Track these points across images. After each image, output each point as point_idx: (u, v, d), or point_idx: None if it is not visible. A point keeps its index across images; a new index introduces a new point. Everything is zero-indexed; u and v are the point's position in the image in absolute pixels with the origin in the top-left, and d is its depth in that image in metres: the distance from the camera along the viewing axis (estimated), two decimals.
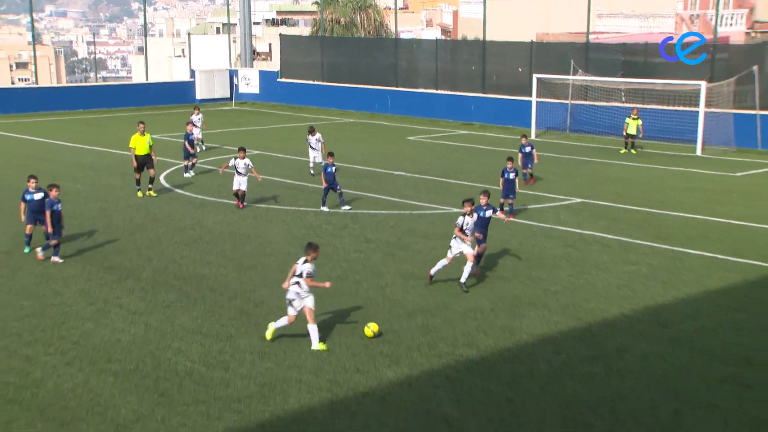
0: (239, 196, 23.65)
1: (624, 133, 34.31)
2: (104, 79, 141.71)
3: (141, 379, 12.65)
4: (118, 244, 19.91)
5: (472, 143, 37.50)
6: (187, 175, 28.42)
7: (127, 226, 21.69)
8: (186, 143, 28.36)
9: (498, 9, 63.95)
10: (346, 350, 13.80)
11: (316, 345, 13.80)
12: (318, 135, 28.55)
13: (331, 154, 23.76)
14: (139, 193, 25.25)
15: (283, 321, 14.10)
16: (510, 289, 16.97)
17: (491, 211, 17.78)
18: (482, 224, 17.64)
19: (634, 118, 33.86)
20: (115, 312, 15.49)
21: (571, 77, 39.18)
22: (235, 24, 59.02)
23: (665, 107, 36.35)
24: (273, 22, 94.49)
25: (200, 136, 32.87)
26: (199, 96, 52.73)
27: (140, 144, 25.11)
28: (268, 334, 14.15)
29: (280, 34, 59.24)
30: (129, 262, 18.67)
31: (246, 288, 16.97)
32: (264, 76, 54.57)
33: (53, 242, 18.33)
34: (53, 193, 18.27)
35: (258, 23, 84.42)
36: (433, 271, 17.15)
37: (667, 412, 11.73)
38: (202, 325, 14.85)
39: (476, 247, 17.41)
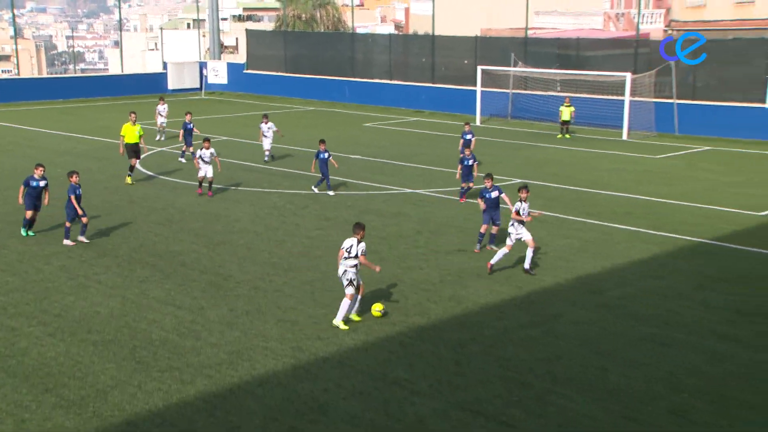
0: (204, 183, 23.18)
1: (560, 120, 34.57)
2: (82, 70, 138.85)
3: (119, 348, 12.48)
4: (97, 223, 19.57)
5: (423, 129, 37.47)
6: (181, 160, 27.98)
7: (105, 207, 21.33)
8: (183, 132, 27.79)
9: (445, 6, 63.77)
10: (309, 319, 13.74)
11: (338, 320, 13.39)
12: (271, 123, 28.16)
13: (322, 141, 23.62)
14: (129, 179, 24.42)
15: (347, 303, 13.35)
16: (457, 263, 17.02)
17: (497, 191, 17.41)
18: (492, 205, 17.42)
19: (567, 106, 34.20)
20: (94, 287, 15.25)
21: (512, 69, 39.26)
22: (204, 20, 58.15)
23: (595, 96, 36.59)
24: (240, 18, 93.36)
25: (164, 124, 32.52)
26: (170, 86, 51.96)
27: (130, 133, 24.60)
28: (354, 317, 13.61)
29: (246, 29, 58.52)
30: (107, 240, 18.38)
31: (215, 263, 16.80)
32: (231, 67, 53.92)
33: (84, 220, 18.00)
34: (74, 179, 17.90)
35: (225, 19, 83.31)
36: (493, 261, 16.19)
37: (596, 369, 11.88)
38: (175, 298, 14.68)
39: (492, 228, 17.42)
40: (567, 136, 34.25)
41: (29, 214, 18.45)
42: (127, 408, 10.64)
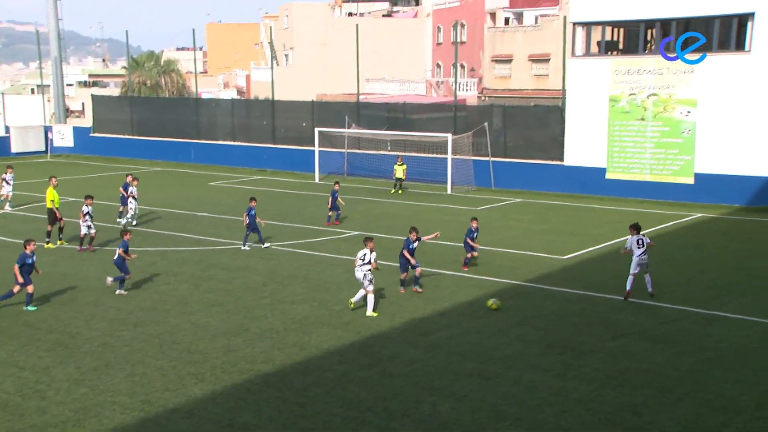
0: (86, 240, 22.51)
1: (393, 177, 35.42)
2: None
3: None
4: None
5: (266, 187, 37.28)
6: (120, 220, 26.43)
7: None
8: (123, 191, 26.38)
9: (284, 73, 64.51)
10: (157, 372, 13.21)
11: (370, 311, 16.43)
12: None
13: (253, 199, 23.39)
14: (51, 245, 22.95)
15: (372, 297, 16.47)
16: (300, 311, 16.94)
17: (417, 243, 18.43)
18: (411, 253, 18.31)
19: (399, 165, 35.17)
20: None
21: (346, 130, 39.99)
22: (49, 85, 55.53)
23: (422, 154, 37.82)
24: (85, 84, 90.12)
25: (9, 195, 29.87)
26: (14, 149, 49.07)
27: (56, 198, 23.41)
28: (353, 301, 16.74)
29: (92, 95, 56.49)
30: None
31: (62, 321, 15.86)
32: (78, 131, 51.65)
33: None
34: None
35: (71, 85, 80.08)
36: (629, 287, 17.64)
37: (428, 404, 12.10)
38: (18, 359, 13.69)
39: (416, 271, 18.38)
40: (400, 192, 35.12)
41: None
42: None
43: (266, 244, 23.16)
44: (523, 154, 36.30)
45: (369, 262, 16.52)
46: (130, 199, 26.37)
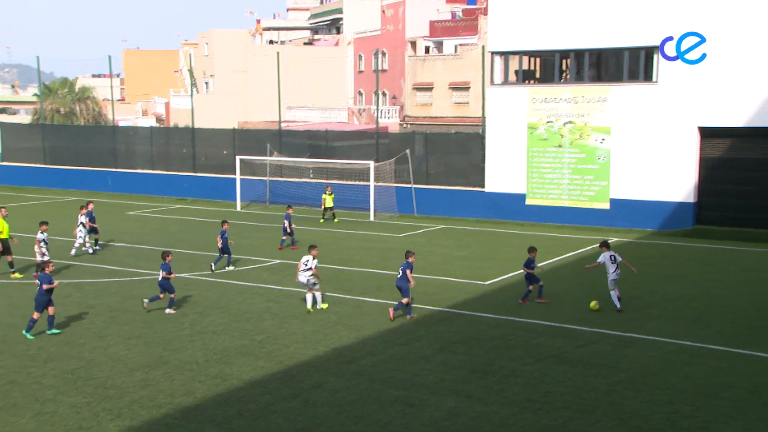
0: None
1: (322, 207, 35.15)
2: None
3: None
4: None
5: (186, 216, 36.74)
6: (88, 250, 26.36)
7: None
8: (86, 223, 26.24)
9: (204, 101, 64.00)
10: (70, 409, 12.80)
11: (320, 304, 19.18)
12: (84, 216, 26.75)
13: (225, 222, 24.58)
14: (18, 274, 22.88)
15: (311, 297, 18.96)
16: (221, 342, 16.71)
17: (409, 270, 18.69)
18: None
19: (329, 194, 34.97)
20: None
21: (268, 158, 39.86)
22: None
23: (345, 182, 38.02)
24: None
25: None
26: None
27: (5, 228, 22.92)
28: (310, 308, 18.87)
29: (0, 123, 54.68)
30: None
31: None
32: None
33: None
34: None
35: None
36: (619, 304, 19.04)
37: None
38: None
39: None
40: (336, 220, 34.84)
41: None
42: None
43: (231, 267, 24.06)
44: (445, 181, 36.89)
45: (310, 268, 18.74)
46: (80, 227, 26.23)
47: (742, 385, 14.14)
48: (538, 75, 37.76)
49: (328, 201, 35.08)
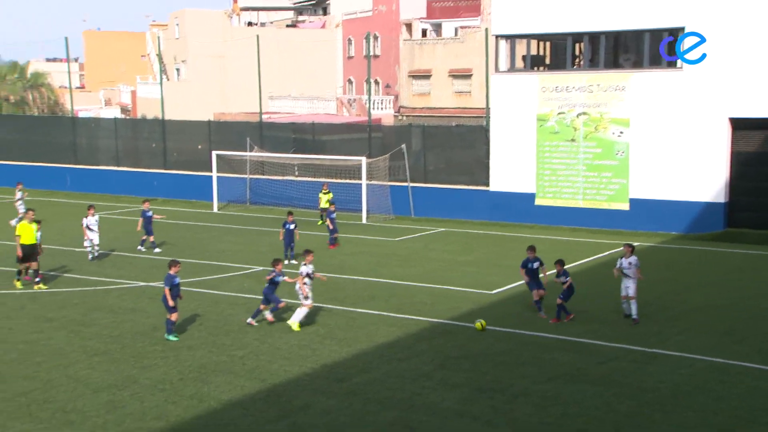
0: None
1: (319, 207, 34.82)
2: None
3: None
4: None
5: (156, 217, 36.54)
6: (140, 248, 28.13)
7: None
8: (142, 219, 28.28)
9: (175, 89, 63.92)
10: None
11: (295, 323, 18.51)
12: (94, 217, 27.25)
13: (290, 213, 26.48)
14: (18, 283, 22.67)
15: (303, 311, 18.60)
16: (198, 358, 16.67)
17: (538, 263, 19.57)
18: (533, 275, 19.64)
19: (325, 193, 34.56)
20: None
21: (248, 154, 39.83)
22: None
23: (334, 180, 37.95)
24: None
25: None
26: None
27: (27, 232, 22.60)
28: (295, 327, 18.39)
29: None
30: None
31: None
32: None
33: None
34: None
35: None
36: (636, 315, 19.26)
37: None
38: None
39: (540, 292, 19.64)
40: (320, 222, 34.72)
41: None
42: None
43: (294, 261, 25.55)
44: (445, 179, 36.91)
45: (311, 276, 18.99)
46: (88, 232, 26.82)
47: None
48: (548, 61, 37.87)
49: (324, 200, 34.66)
